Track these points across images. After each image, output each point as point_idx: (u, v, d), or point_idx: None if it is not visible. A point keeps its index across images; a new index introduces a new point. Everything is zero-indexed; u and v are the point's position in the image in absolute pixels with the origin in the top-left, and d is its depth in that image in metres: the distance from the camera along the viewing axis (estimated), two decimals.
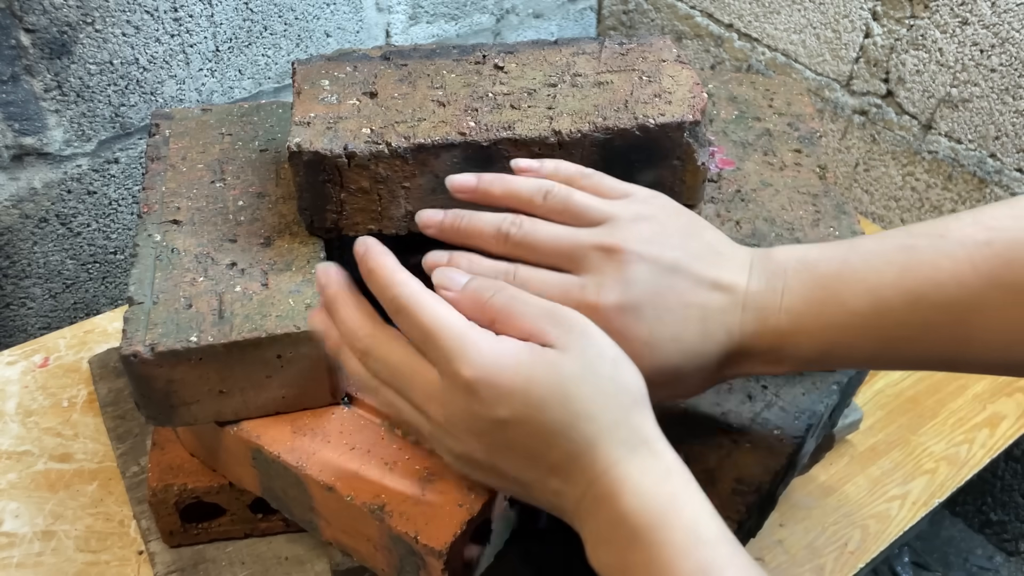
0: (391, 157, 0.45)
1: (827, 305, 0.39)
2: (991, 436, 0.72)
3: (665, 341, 0.39)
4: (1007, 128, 0.86)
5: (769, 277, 0.40)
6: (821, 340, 0.39)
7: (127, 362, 0.43)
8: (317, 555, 0.56)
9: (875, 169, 1.00)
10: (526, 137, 0.46)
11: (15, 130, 0.80)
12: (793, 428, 0.48)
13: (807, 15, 1.00)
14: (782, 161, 0.60)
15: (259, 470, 0.49)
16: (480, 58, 0.52)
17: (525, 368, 0.35)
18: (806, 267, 0.40)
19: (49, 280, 0.91)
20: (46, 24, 0.77)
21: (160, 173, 0.53)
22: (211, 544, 0.56)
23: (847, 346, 0.39)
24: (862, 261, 0.39)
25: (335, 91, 0.49)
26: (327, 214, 0.48)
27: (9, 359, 0.72)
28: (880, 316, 0.38)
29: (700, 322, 0.39)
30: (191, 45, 0.88)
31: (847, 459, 0.69)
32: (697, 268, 0.40)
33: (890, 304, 0.38)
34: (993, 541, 1.10)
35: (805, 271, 0.40)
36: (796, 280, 0.40)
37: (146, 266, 0.47)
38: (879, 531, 0.64)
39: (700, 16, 1.14)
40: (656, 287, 0.39)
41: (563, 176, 0.43)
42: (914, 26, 0.90)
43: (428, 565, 0.43)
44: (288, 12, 0.94)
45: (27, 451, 0.64)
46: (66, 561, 0.57)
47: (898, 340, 0.39)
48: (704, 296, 0.39)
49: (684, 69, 0.51)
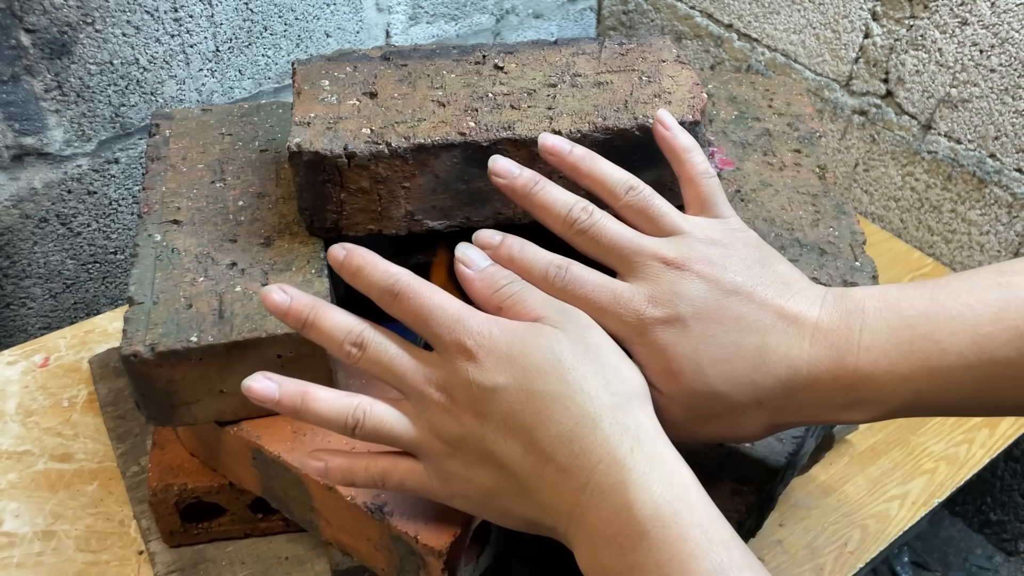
0: (391, 157, 0.45)
1: (917, 344, 0.35)
2: (991, 436, 0.73)
3: (713, 363, 0.37)
4: (1007, 128, 0.86)
5: (844, 314, 0.37)
6: (912, 383, 0.36)
7: (127, 362, 0.43)
8: (317, 555, 0.56)
9: (875, 169, 1.01)
10: (526, 137, 0.46)
11: (15, 130, 0.80)
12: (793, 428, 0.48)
13: (807, 15, 1.00)
14: (782, 161, 0.60)
15: (259, 470, 0.49)
16: (480, 58, 0.52)
17: (524, 336, 0.35)
18: (887, 306, 0.37)
19: (49, 280, 0.91)
20: (46, 24, 0.77)
21: (160, 173, 0.53)
22: (211, 544, 0.56)
23: (942, 388, 0.36)
24: (953, 299, 0.36)
25: (335, 91, 0.49)
26: (327, 214, 0.48)
27: (9, 359, 0.72)
28: (982, 354, 0.35)
29: (757, 351, 0.37)
30: (191, 45, 0.88)
31: (847, 459, 0.69)
32: (760, 294, 0.37)
33: (993, 342, 0.35)
34: (993, 541, 1.10)
35: (887, 310, 0.36)
36: (877, 319, 0.36)
37: (146, 266, 0.47)
38: (879, 531, 0.64)
39: (700, 16, 1.15)
40: (709, 306, 0.37)
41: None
42: (914, 26, 0.90)
43: (428, 565, 0.43)
44: (288, 12, 0.94)
45: (27, 451, 0.64)
46: (66, 561, 0.57)
47: (1001, 380, 0.35)
48: (766, 323, 0.37)
49: (684, 69, 0.51)
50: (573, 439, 0.33)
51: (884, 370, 0.36)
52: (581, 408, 0.34)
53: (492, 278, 0.38)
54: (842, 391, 0.37)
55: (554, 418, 0.34)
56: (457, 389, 0.35)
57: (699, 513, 0.32)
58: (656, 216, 0.40)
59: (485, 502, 0.37)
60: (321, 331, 0.37)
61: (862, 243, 0.54)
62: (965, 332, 0.35)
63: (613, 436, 0.33)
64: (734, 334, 0.37)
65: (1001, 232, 0.90)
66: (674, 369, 0.37)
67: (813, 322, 0.37)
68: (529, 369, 0.34)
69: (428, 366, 0.36)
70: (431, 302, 0.36)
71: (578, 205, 0.40)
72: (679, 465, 0.34)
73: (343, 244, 0.38)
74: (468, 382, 0.35)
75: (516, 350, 0.35)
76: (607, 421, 0.33)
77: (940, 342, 0.35)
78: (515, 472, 0.35)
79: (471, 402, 0.35)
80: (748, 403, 0.37)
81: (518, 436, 0.34)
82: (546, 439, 0.34)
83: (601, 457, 0.33)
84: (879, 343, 0.36)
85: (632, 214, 0.40)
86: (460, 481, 0.37)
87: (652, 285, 0.38)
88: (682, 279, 0.37)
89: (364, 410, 0.37)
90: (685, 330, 0.37)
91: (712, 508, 0.33)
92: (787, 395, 0.37)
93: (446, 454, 0.37)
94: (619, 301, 0.38)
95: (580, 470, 0.33)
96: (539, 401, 0.34)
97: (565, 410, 0.34)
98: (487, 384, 0.34)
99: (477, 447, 0.36)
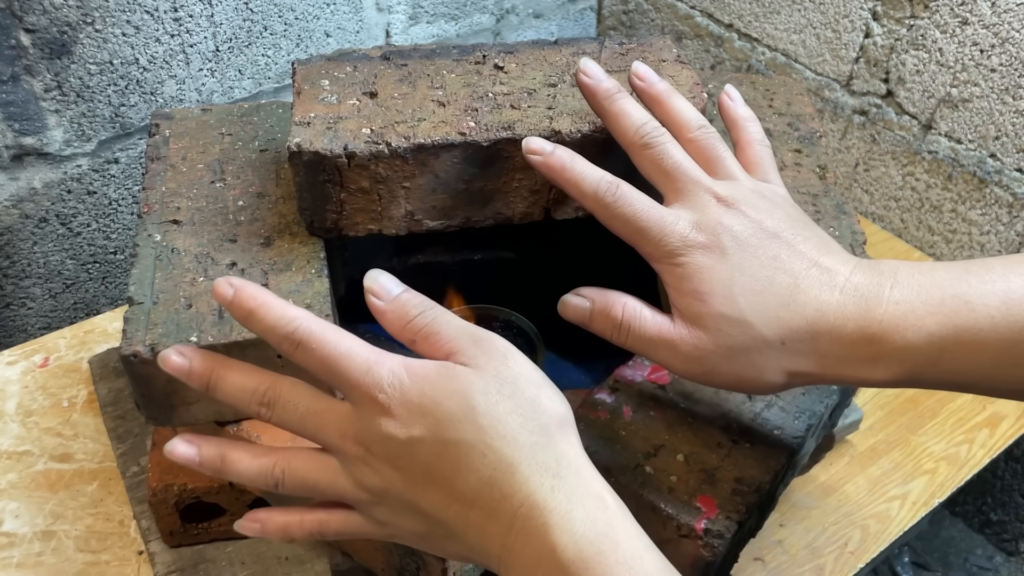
0: (391, 157, 0.45)
1: (947, 302, 0.36)
2: (991, 436, 0.72)
3: (744, 291, 0.38)
4: (1007, 128, 0.86)
5: (877, 274, 0.38)
6: (937, 339, 0.36)
7: (127, 362, 0.43)
8: (317, 555, 0.56)
9: (875, 169, 1.00)
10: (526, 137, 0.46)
11: (15, 130, 0.80)
12: (793, 428, 0.48)
13: (807, 15, 1.00)
14: (782, 161, 0.60)
15: None
16: (480, 58, 0.52)
17: (435, 383, 0.33)
18: (920, 270, 0.38)
19: (49, 280, 0.91)
20: (46, 24, 0.77)
21: (160, 173, 0.53)
22: (211, 544, 0.56)
23: (967, 349, 0.36)
24: (986, 269, 0.37)
25: (335, 91, 0.49)
26: (327, 214, 0.48)
27: (9, 359, 0.72)
28: (1010, 315, 0.35)
29: (788, 289, 0.38)
30: (191, 45, 0.88)
31: (847, 459, 0.69)
32: (799, 243, 0.39)
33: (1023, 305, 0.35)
34: (993, 541, 1.10)
35: (920, 272, 0.38)
36: (909, 279, 0.37)
37: (146, 266, 0.47)
38: (879, 531, 0.64)
39: (700, 16, 1.14)
40: (749, 241, 0.39)
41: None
42: (914, 26, 0.90)
43: (428, 565, 0.43)
44: (288, 12, 0.94)
45: (27, 451, 0.64)
46: (66, 561, 0.57)
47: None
48: (800, 267, 0.38)
49: (684, 69, 0.51)
50: (493, 485, 0.33)
51: (911, 324, 0.36)
52: (498, 454, 0.33)
53: (403, 308, 0.36)
54: (865, 341, 0.37)
55: (472, 466, 0.33)
56: (374, 443, 0.34)
57: (623, 549, 0.32)
58: (717, 158, 0.42)
59: (421, 543, 0.37)
60: (225, 394, 0.36)
61: (863, 243, 0.54)
62: (996, 294, 0.36)
63: (532, 478, 0.33)
64: (769, 270, 0.38)
65: (1001, 232, 0.90)
66: (705, 290, 0.38)
67: (846, 275, 0.38)
68: (443, 419, 0.33)
69: (342, 420, 0.35)
70: (336, 351, 0.34)
71: (651, 123, 0.42)
72: (603, 497, 0.33)
73: (229, 280, 0.35)
74: (383, 436, 0.34)
75: (428, 399, 0.33)
76: (526, 464, 0.33)
77: (970, 301, 0.36)
78: (441, 519, 0.35)
79: (388, 456, 0.34)
80: (772, 339, 0.38)
81: (439, 486, 0.34)
82: (467, 487, 0.33)
83: (522, 501, 0.32)
84: (908, 298, 0.37)
85: (696, 150, 0.42)
86: (392, 527, 0.37)
87: (700, 213, 0.39)
88: (729, 213, 0.39)
89: (282, 468, 0.36)
90: (723, 257, 0.38)
91: (639, 539, 0.33)
92: (811, 339, 0.38)
93: (373, 503, 0.36)
94: (664, 222, 0.39)
95: (503, 514, 0.33)
96: (455, 451, 0.33)
97: (483, 457, 0.33)
98: (402, 438, 0.33)
99: (400, 498, 0.35)
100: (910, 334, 0.36)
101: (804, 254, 0.39)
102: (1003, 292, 0.36)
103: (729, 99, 0.47)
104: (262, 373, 0.36)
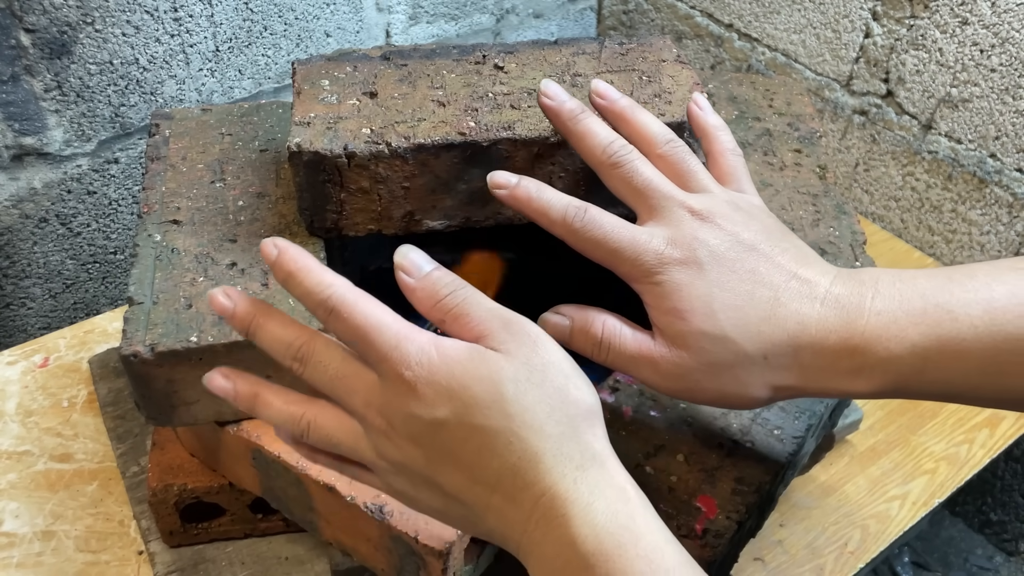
0: (391, 157, 0.45)
1: (929, 312, 0.36)
2: (991, 436, 0.72)
3: (724, 307, 0.37)
4: (1007, 128, 0.86)
5: (857, 284, 0.38)
6: (920, 349, 0.36)
7: (127, 362, 0.43)
8: (317, 555, 0.56)
9: (875, 169, 1.00)
10: (526, 137, 0.46)
11: (15, 130, 0.80)
12: (793, 428, 0.48)
13: (807, 15, 1.00)
14: (782, 161, 0.60)
15: (259, 470, 0.49)
16: (480, 58, 0.52)
17: (465, 365, 0.33)
18: (902, 279, 0.37)
19: (49, 280, 0.91)
20: (46, 24, 0.77)
21: (160, 173, 0.53)
22: (211, 544, 0.56)
23: (951, 359, 0.36)
24: (969, 277, 0.37)
25: (335, 91, 0.49)
26: (327, 214, 0.48)
27: (9, 359, 0.72)
28: (993, 325, 0.35)
29: (769, 303, 0.37)
30: (191, 45, 0.88)
31: (847, 459, 0.69)
32: (777, 255, 0.39)
33: (1006, 315, 0.35)
34: (993, 541, 1.10)
35: (901, 281, 0.37)
36: (890, 288, 0.37)
37: (146, 266, 0.47)
38: (879, 531, 0.64)
39: (700, 16, 1.14)
40: (726, 255, 0.38)
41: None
42: (914, 26, 0.90)
43: (428, 565, 0.43)
44: (288, 12, 0.94)
45: (27, 451, 0.64)
46: (66, 561, 0.57)
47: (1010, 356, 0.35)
48: (780, 279, 0.38)
49: (684, 69, 0.51)
50: (516, 473, 0.33)
51: (893, 334, 0.36)
52: (524, 443, 0.33)
53: (433, 286, 0.35)
54: (847, 353, 0.37)
55: (496, 452, 0.33)
56: (397, 418, 0.34)
57: (644, 543, 0.31)
58: (688, 172, 0.41)
59: (436, 516, 0.37)
60: (263, 341, 0.36)
61: (862, 243, 0.54)
62: (979, 303, 0.36)
63: (556, 469, 0.32)
64: (748, 284, 0.38)
65: (1001, 232, 0.90)
66: (685, 308, 0.37)
67: (826, 286, 0.38)
68: (470, 403, 0.33)
69: (369, 389, 0.35)
70: (368, 322, 0.34)
71: (618, 142, 0.41)
72: (626, 489, 0.33)
73: (275, 241, 0.35)
74: (407, 414, 0.34)
75: (456, 382, 0.33)
76: (550, 454, 0.33)
77: (952, 311, 0.36)
78: (460, 499, 0.35)
79: (410, 434, 0.34)
80: (754, 355, 0.37)
81: (460, 468, 0.34)
82: (489, 472, 0.33)
83: (544, 491, 0.32)
84: (890, 308, 0.36)
85: (666, 165, 0.42)
86: (408, 498, 0.37)
87: (674, 229, 0.39)
88: (704, 227, 0.39)
89: (308, 421, 0.36)
90: (701, 273, 0.38)
91: (660, 533, 0.32)
92: (793, 353, 0.37)
93: (392, 472, 0.36)
94: (637, 241, 0.38)
95: (525, 502, 0.33)
96: (481, 436, 0.33)
97: (508, 445, 0.33)
98: (427, 418, 0.33)
99: (420, 473, 0.35)
100: (893, 345, 0.36)
101: (782, 266, 0.38)
102: (986, 301, 0.36)
103: (698, 108, 0.46)
104: (300, 327, 0.36)
